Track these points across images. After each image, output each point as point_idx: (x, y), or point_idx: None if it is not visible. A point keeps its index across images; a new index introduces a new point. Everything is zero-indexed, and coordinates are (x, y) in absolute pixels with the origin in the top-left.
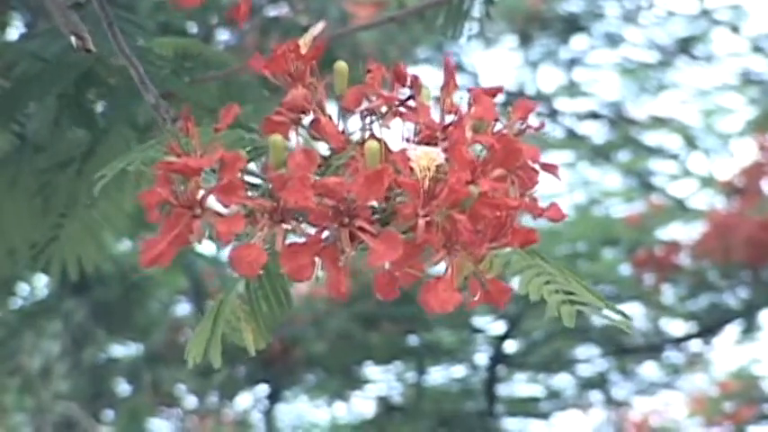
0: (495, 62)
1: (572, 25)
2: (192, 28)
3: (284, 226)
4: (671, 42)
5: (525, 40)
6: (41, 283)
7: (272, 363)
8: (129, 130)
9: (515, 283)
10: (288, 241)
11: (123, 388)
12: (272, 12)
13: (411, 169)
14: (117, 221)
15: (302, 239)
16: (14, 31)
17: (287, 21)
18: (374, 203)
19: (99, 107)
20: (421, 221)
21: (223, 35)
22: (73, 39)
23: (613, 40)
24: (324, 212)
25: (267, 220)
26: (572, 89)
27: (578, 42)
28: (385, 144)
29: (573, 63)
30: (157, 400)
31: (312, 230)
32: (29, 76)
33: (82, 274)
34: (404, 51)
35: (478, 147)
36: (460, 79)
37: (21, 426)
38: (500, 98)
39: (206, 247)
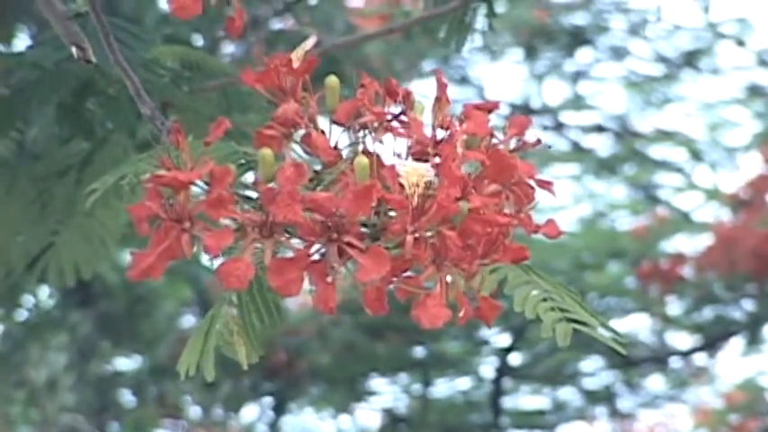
0: (501, 75)
1: (577, 38)
2: (198, 41)
3: (273, 240)
4: (676, 55)
5: (531, 53)
6: (47, 296)
7: (277, 374)
8: (127, 139)
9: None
10: (278, 256)
11: (128, 400)
12: (277, 24)
13: (400, 185)
14: (115, 230)
15: (291, 254)
16: (20, 43)
17: (292, 33)
18: (365, 218)
19: (97, 117)
20: (409, 237)
21: (229, 47)
22: (74, 49)
23: (619, 53)
24: (312, 227)
25: (256, 234)
26: (577, 102)
27: (584, 55)
28: (379, 159)
29: (578, 76)
30: (163, 412)
31: (301, 245)
32: (28, 84)
33: (87, 286)
34: (410, 64)
35: (474, 163)
36: (465, 92)
37: None
38: (503, 111)
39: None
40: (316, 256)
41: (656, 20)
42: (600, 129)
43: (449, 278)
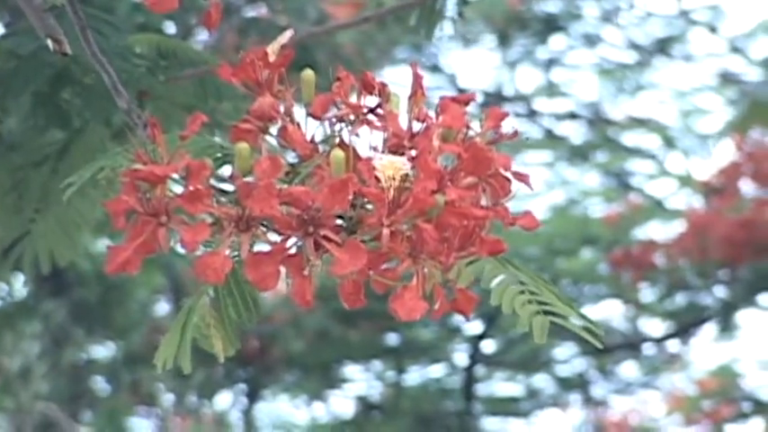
0: (474, 62)
1: (550, 25)
2: (171, 28)
3: (249, 234)
4: (649, 43)
5: (504, 41)
6: (20, 284)
7: (251, 362)
8: (103, 129)
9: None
10: (255, 249)
11: (102, 388)
12: (250, 12)
13: (376, 178)
14: (91, 218)
15: (268, 248)
16: None
17: (265, 21)
18: (341, 212)
19: (74, 106)
20: (385, 231)
21: (202, 35)
22: (49, 42)
23: (591, 40)
24: (289, 221)
25: (233, 228)
26: (550, 89)
27: (557, 42)
28: (355, 152)
29: (551, 63)
30: (136, 400)
31: (278, 239)
32: (4, 73)
33: (61, 274)
34: (382, 52)
35: (451, 156)
36: (438, 80)
37: None
38: (478, 100)
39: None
40: (292, 250)
41: (628, 7)
42: (573, 116)
43: (426, 271)
